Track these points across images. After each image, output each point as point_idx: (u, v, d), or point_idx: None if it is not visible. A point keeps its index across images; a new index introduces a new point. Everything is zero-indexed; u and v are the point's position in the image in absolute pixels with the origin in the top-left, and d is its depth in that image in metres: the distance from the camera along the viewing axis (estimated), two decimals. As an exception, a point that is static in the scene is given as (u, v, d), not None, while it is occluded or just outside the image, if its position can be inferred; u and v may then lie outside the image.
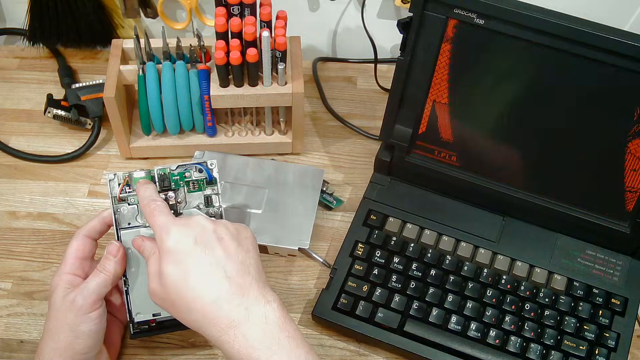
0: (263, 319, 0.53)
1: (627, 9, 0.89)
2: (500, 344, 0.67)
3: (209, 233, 0.56)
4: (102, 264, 0.60)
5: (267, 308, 0.54)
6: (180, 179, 0.63)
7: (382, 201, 0.77)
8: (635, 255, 0.73)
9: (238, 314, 0.53)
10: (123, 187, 0.62)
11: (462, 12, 0.64)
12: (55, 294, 0.59)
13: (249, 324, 0.53)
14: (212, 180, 0.64)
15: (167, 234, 0.56)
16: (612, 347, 0.68)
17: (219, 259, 0.55)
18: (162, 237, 0.56)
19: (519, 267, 0.72)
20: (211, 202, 0.64)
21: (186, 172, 0.63)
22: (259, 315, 0.54)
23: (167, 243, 0.55)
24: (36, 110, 0.87)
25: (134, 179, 0.62)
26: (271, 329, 0.53)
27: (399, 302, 0.69)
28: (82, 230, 0.63)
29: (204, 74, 0.77)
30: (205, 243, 0.56)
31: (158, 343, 0.67)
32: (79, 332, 0.57)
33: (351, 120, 0.88)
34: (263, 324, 0.53)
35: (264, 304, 0.54)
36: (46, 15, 0.87)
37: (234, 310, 0.53)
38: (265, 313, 0.54)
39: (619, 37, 0.60)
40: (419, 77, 0.70)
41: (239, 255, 0.57)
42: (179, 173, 0.63)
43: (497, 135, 0.71)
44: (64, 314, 0.58)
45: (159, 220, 0.57)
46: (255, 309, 0.54)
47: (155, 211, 0.58)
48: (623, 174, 0.68)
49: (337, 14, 0.94)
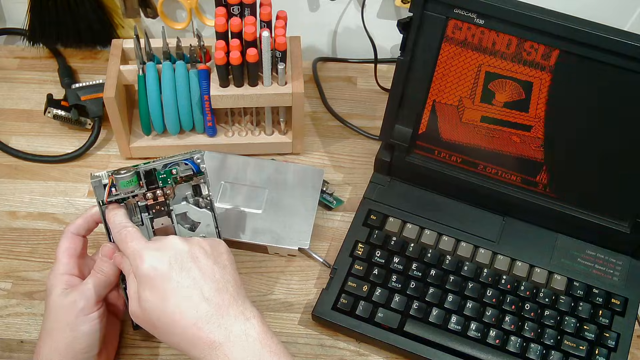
0: (243, 336, 0.53)
1: (627, 9, 0.89)
2: (500, 344, 0.67)
3: (183, 254, 0.56)
4: (99, 265, 0.60)
5: (247, 325, 0.54)
6: (167, 177, 0.62)
7: (382, 201, 0.77)
8: (635, 255, 0.73)
9: (219, 335, 0.53)
10: (109, 190, 0.60)
11: (462, 12, 0.64)
12: (53, 294, 0.59)
13: (230, 343, 0.53)
14: (199, 172, 0.63)
15: (142, 260, 0.55)
16: (612, 347, 0.68)
17: (195, 281, 0.55)
18: (137, 264, 0.55)
19: (519, 267, 0.72)
20: (200, 192, 0.64)
21: (173, 170, 0.62)
22: (239, 333, 0.53)
23: (142, 269, 0.55)
24: (36, 110, 0.87)
25: (120, 183, 0.60)
26: (252, 346, 0.53)
27: (399, 302, 0.69)
28: (70, 228, 0.63)
29: (204, 74, 0.77)
30: (181, 265, 0.55)
31: (158, 343, 0.67)
32: (79, 332, 0.58)
33: (351, 120, 0.88)
34: (244, 341, 0.53)
35: (244, 321, 0.54)
36: (46, 15, 0.87)
37: (214, 331, 0.53)
38: (246, 330, 0.54)
39: (620, 37, 0.60)
40: (419, 77, 0.70)
41: (215, 273, 0.56)
42: (166, 171, 0.62)
43: (496, 134, 0.71)
44: (64, 314, 0.58)
45: (131, 246, 0.57)
46: (235, 327, 0.54)
47: (127, 237, 0.58)
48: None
49: (337, 14, 0.94)
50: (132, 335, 0.68)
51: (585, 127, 0.67)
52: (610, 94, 0.64)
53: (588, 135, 0.67)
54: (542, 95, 0.67)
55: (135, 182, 0.61)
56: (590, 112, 0.66)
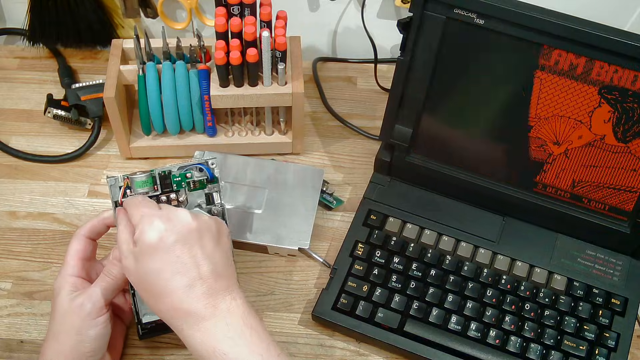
0: (227, 313, 0.55)
1: (627, 9, 0.89)
2: (500, 344, 0.67)
3: (191, 231, 0.57)
4: (109, 268, 0.60)
5: (232, 304, 0.56)
6: (182, 180, 0.63)
7: (382, 201, 0.77)
8: (635, 255, 0.73)
9: (205, 311, 0.55)
10: (124, 192, 0.61)
11: (462, 12, 0.64)
12: (60, 296, 0.59)
13: (215, 319, 0.55)
14: (214, 179, 0.64)
15: (150, 226, 0.56)
16: (612, 347, 0.68)
17: (195, 259, 0.56)
18: (144, 229, 0.56)
19: (519, 267, 0.72)
20: (212, 200, 0.64)
21: (187, 173, 0.63)
22: (224, 310, 0.55)
23: (148, 236, 0.55)
24: (36, 110, 0.87)
25: (135, 183, 0.61)
26: (235, 322, 0.55)
27: (399, 302, 0.69)
28: (82, 231, 0.63)
29: (204, 74, 0.77)
30: (185, 241, 0.56)
31: (158, 343, 0.67)
32: (85, 335, 0.58)
33: (351, 120, 0.88)
34: (227, 318, 0.55)
35: (230, 300, 0.56)
36: (46, 15, 0.87)
37: (202, 308, 0.55)
38: (229, 308, 0.55)
39: (619, 37, 0.60)
40: (419, 77, 0.70)
41: (216, 255, 0.57)
42: (181, 174, 0.63)
43: (496, 134, 0.71)
44: (70, 317, 0.58)
45: (143, 211, 0.57)
46: (222, 305, 0.55)
47: (142, 203, 0.59)
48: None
49: (337, 14, 0.94)
50: (132, 335, 0.68)
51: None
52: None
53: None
54: (542, 95, 0.67)
55: (151, 184, 0.62)
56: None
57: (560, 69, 0.64)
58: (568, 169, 0.70)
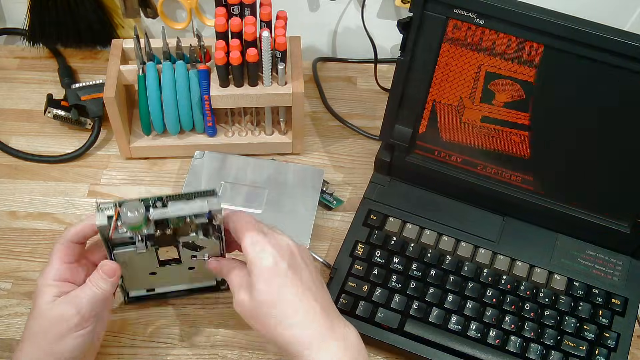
0: (342, 340, 0.55)
1: (627, 9, 0.89)
2: (500, 344, 0.67)
3: (296, 257, 0.58)
4: (96, 282, 0.58)
5: (346, 330, 0.56)
6: (179, 223, 0.58)
7: (382, 201, 0.77)
8: (635, 255, 0.73)
9: (326, 332, 0.55)
10: (115, 226, 0.56)
11: (462, 12, 0.64)
12: (42, 300, 0.57)
13: (330, 345, 0.54)
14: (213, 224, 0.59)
15: (263, 251, 0.56)
16: (612, 347, 0.68)
17: (304, 282, 0.56)
18: (258, 256, 0.56)
19: (519, 267, 0.72)
20: (208, 233, 0.60)
21: (187, 219, 0.58)
22: (340, 335, 0.55)
23: (264, 262, 0.55)
24: (36, 110, 0.87)
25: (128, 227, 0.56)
26: (352, 348, 0.55)
27: (399, 302, 0.69)
28: (67, 236, 0.59)
29: (204, 74, 0.77)
30: (295, 267, 0.57)
31: (158, 343, 0.67)
32: (66, 345, 0.56)
33: (351, 120, 0.88)
34: (342, 344, 0.55)
35: (344, 327, 0.56)
36: (46, 15, 0.87)
37: (316, 330, 0.54)
38: (345, 334, 0.56)
39: (619, 37, 0.60)
40: (419, 77, 0.70)
41: (318, 280, 0.59)
42: (179, 218, 0.58)
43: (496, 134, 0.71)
44: (51, 325, 0.56)
45: (252, 235, 0.57)
46: (338, 329, 0.55)
47: (249, 225, 0.58)
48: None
49: (337, 14, 0.94)
50: (132, 336, 0.68)
51: (584, 127, 0.67)
52: (610, 94, 0.64)
53: (588, 135, 0.67)
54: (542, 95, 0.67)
55: (144, 224, 0.57)
56: (589, 112, 0.66)
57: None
58: (568, 169, 0.71)
